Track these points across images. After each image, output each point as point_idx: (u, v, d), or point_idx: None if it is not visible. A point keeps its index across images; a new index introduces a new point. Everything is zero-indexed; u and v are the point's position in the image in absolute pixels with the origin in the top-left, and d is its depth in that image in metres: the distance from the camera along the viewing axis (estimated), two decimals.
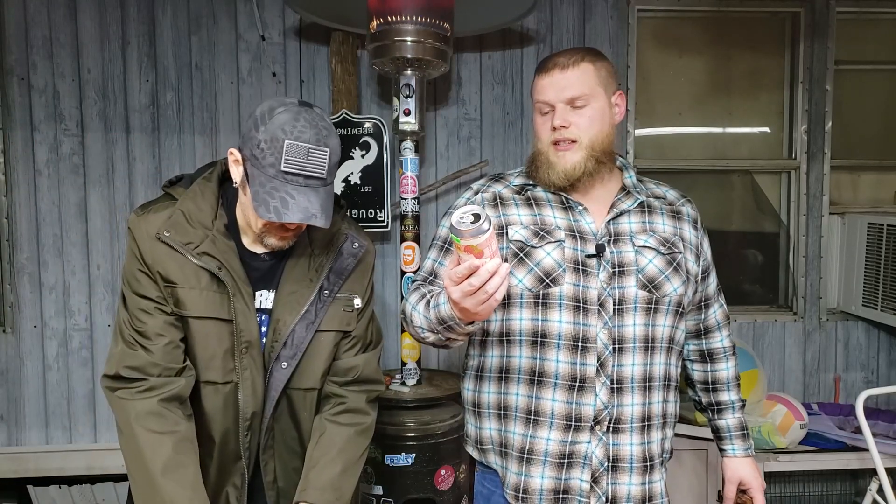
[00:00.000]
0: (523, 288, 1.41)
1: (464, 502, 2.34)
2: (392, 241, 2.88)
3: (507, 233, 1.45)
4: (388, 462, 2.20)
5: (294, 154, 1.24)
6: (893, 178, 3.27)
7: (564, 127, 1.42)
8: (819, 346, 3.16)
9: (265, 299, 1.42)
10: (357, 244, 1.48)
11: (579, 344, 1.40)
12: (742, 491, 1.62)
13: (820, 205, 3.11)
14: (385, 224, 2.67)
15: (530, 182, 1.51)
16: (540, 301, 1.41)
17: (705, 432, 1.94)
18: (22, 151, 2.76)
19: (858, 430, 2.52)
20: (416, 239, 2.44)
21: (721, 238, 3.18)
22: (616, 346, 1.40)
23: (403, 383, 2.43)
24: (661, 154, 3.14)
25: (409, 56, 2.24)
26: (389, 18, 2.21)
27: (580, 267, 1.41)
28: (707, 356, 1.64)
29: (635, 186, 1.51)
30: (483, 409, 1.51)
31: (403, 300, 1.54)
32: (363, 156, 2.66)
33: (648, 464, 1.44)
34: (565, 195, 1.47)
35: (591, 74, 1.43)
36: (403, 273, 2.43)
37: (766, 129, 3.21)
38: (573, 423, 1.40)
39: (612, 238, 1.44)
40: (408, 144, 2.39)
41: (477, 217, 1.11)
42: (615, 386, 1.41)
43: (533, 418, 1.42)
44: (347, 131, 2.64)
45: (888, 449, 2.53)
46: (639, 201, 1.49)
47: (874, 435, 2.42)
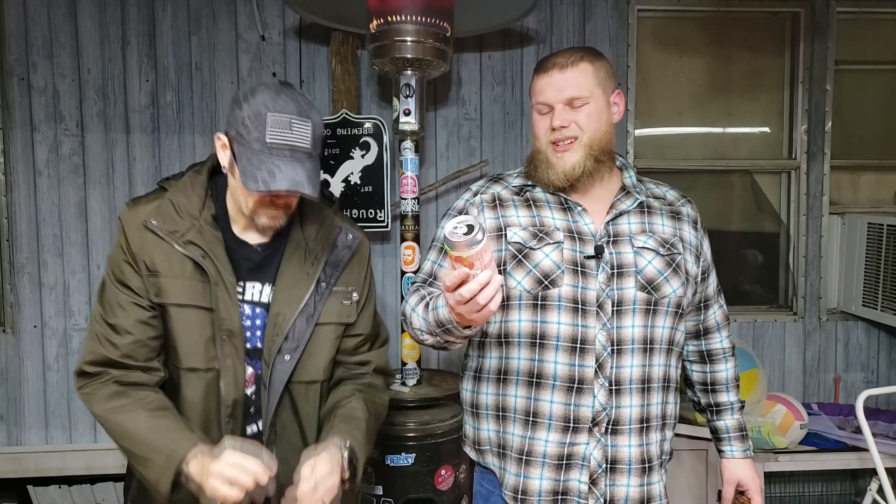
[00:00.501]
0: (522, 289, 1.41)
1: (464, 502, 2.34)
2: (392, 241, 2.87)
3: (506, 234, 1.45)
4: (388, 462, 2.20)
5: (278, 126, 1.26)
6: (893, 178, 3.27)
7: (564, 127, 1.42)
8: (819, 346, 3.16)
9: (259, 292, 1.43)
10: (351, 236, 1.51)
11: (578, 345, 1.40)
12: (740, 492, 1.62)
13: (820, 205, 3.11)
14: (385, 224, 2.66)
15: (529, 183, 1.51)
16: (539, 303, 1.41)
17: (705, 432, 1.94)
18: (22, 151, 2.76)
19: (858, 430, 2.52)
20: (416, 239, 2.44)
21: (721, 238, 3.18)
22: (615, 348, 1.40)
23: (403, 383, 2.43)
24: (661, 154, 3.13)
25: (409, 56, 2.23)
26: (389, 18, 2.21)
27: (579, 268, 1.41)
28: (706, 357, 1.64)
29: (635, 186, 1.51)
30: (481, 411, 1.51)
31: (403, 301, 1.55)
32: (363, 156, 2.65)
33: (647, 465, 1.44)
34: (564, 196, 1.47)
35: (590, 74, 1.43)
36: (403, 273, 2.43)
37: (766, 129, 3.20)
38: (571, 425, 1.40)
39: (611, 239, 1.44)
40: (408, 144, 2.39)
41: (470, 229, 1.11)
42: (613, 387, 1.41)
43: (531, 420, 1.42)
44: (347, 131, 2.64)
45: (888, 449, 2.53)
46: (638, 201, 1.49)
47: (874, 435, 2.42)
